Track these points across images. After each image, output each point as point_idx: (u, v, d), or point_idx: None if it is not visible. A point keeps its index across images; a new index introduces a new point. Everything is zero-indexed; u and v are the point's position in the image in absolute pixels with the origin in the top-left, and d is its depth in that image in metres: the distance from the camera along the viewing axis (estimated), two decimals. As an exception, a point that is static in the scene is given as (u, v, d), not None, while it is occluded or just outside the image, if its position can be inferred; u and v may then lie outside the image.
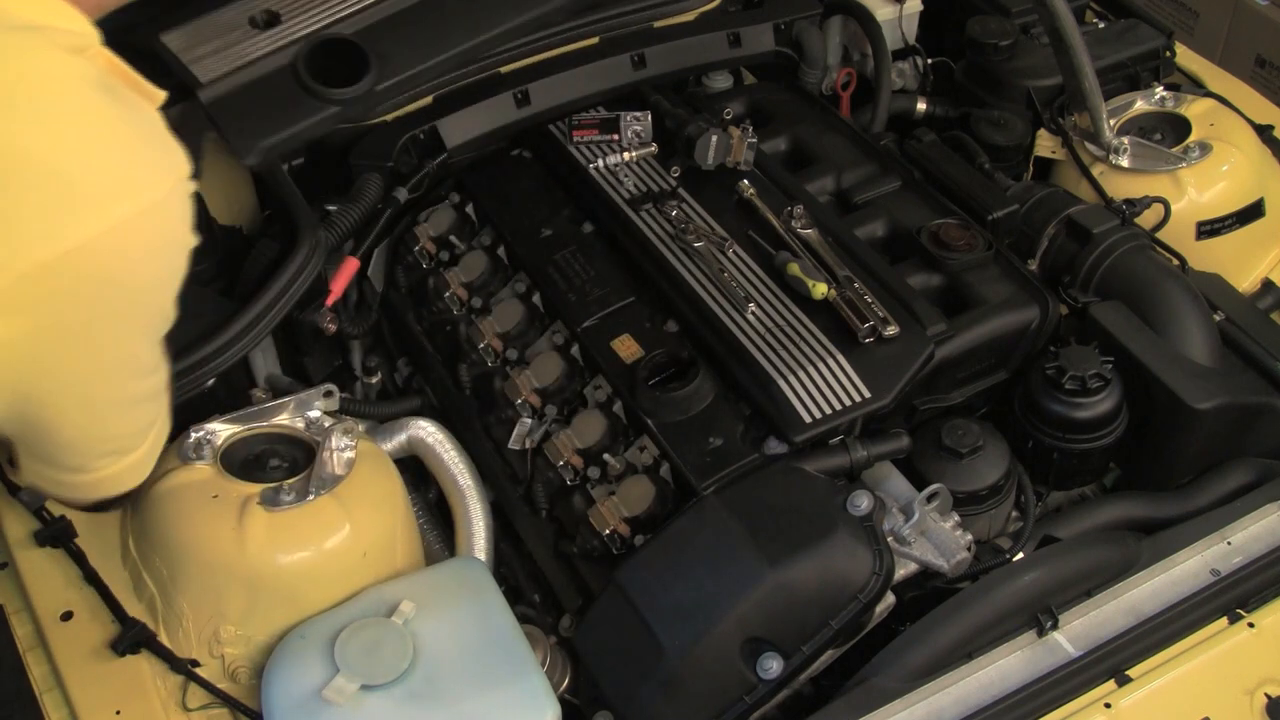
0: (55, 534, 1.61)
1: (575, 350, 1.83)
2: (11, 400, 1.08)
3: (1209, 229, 2.09)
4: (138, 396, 1.20)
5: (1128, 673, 1.54)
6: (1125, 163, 2.12)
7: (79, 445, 1.21)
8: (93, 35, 1.07)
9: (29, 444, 1.20)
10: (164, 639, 1.53)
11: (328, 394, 1.70)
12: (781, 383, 1.67)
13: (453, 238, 2.01)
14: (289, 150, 1.91)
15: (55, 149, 1.00)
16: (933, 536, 1.61)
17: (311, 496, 1.54)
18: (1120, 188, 2.09)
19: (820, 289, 1.74)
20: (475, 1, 2.02)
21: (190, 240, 1.10)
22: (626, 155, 2.02)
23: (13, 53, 1.00)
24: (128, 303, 1.09)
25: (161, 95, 1.12)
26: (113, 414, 1.20)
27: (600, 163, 2.01)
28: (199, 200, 1.45)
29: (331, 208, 1.93)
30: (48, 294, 1.01)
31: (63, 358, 1.08)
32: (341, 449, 1.59)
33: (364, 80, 1.85)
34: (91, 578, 1.57)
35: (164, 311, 1.13)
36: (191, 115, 1.77)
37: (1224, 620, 1.60)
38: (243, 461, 1.63)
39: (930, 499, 1.61)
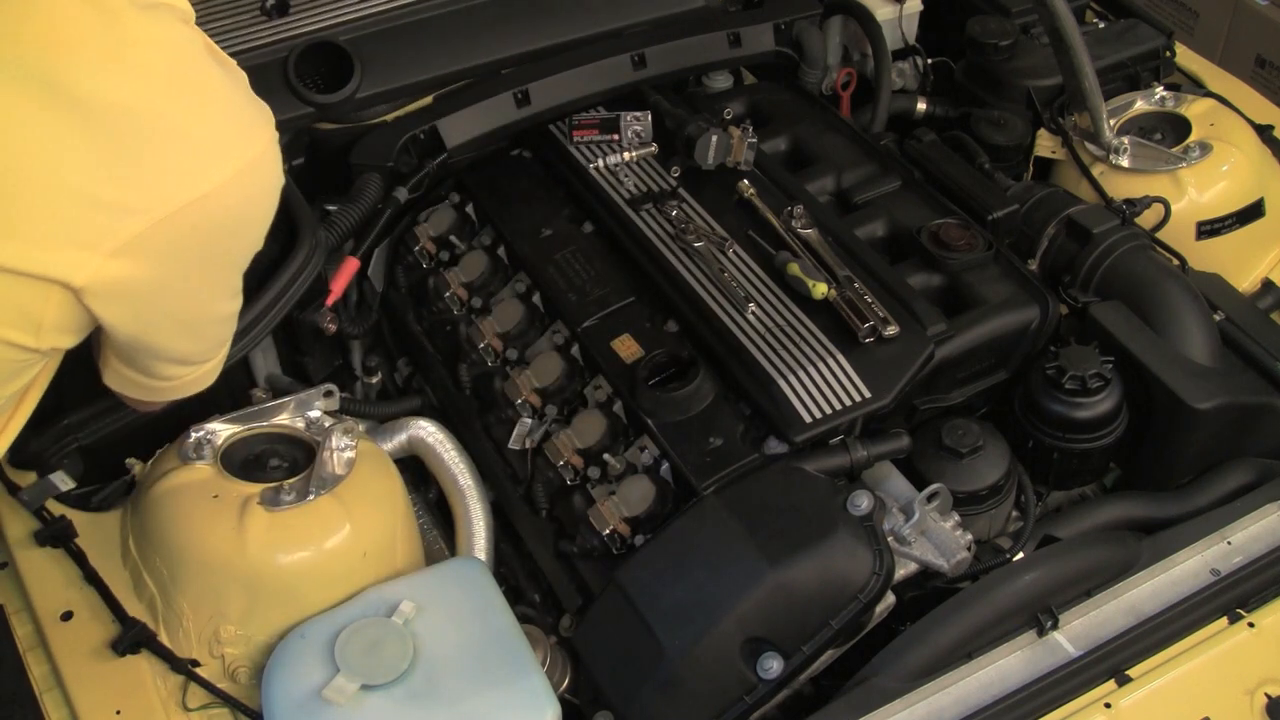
0: (55, 534, 1.61)
1: (575, 350, 1.83)
2: (131, 328, 1.22)
3: (1209, 229, 2.09)
4: (226, 316, 1.35)
5: (1128, 673, 1.54)
6: (1125, 163, 2.12)
7: (175, 358, 1.35)
8: (191, 12, 1.20)
9: (128, 356, 1.32)
10: (164, 639, 1.53)
11: (328, 394, 1.71)
12: (781, 383, 1.67)
13: (453, 238, 2.01)
14: None
15: (187, 110, 1.14)
16: (933, 536, 1.61)
17: (312, 496, 1.55)
18: (1120, 188, 2.09)
19: (820, 289, 1.74)
20: (475, 29, 2.10)
21: (282, 180, 1.25)
22: (626, 155, 2.02)
23: (149, 28, 1.13)
24: (236, 240, 1.24)
25: (232, 59, 1.26)
26: (208, 331, 1.35)
27: (600, 163, 2.01)
28: None
29: (331, 208, 1.94)
30: (177, 237, 1.14)
31: (181, 292, 1.22)
32: (341, 449, 1.59)
33: (345, 87, 1.99)
34: (91, 578, 1.57)
35: (259, 243, 1.28)
36: None
37: (1224, 620, 1.60)
38: (243, 461, 1.63)
39: (930, 499, 1.61)
